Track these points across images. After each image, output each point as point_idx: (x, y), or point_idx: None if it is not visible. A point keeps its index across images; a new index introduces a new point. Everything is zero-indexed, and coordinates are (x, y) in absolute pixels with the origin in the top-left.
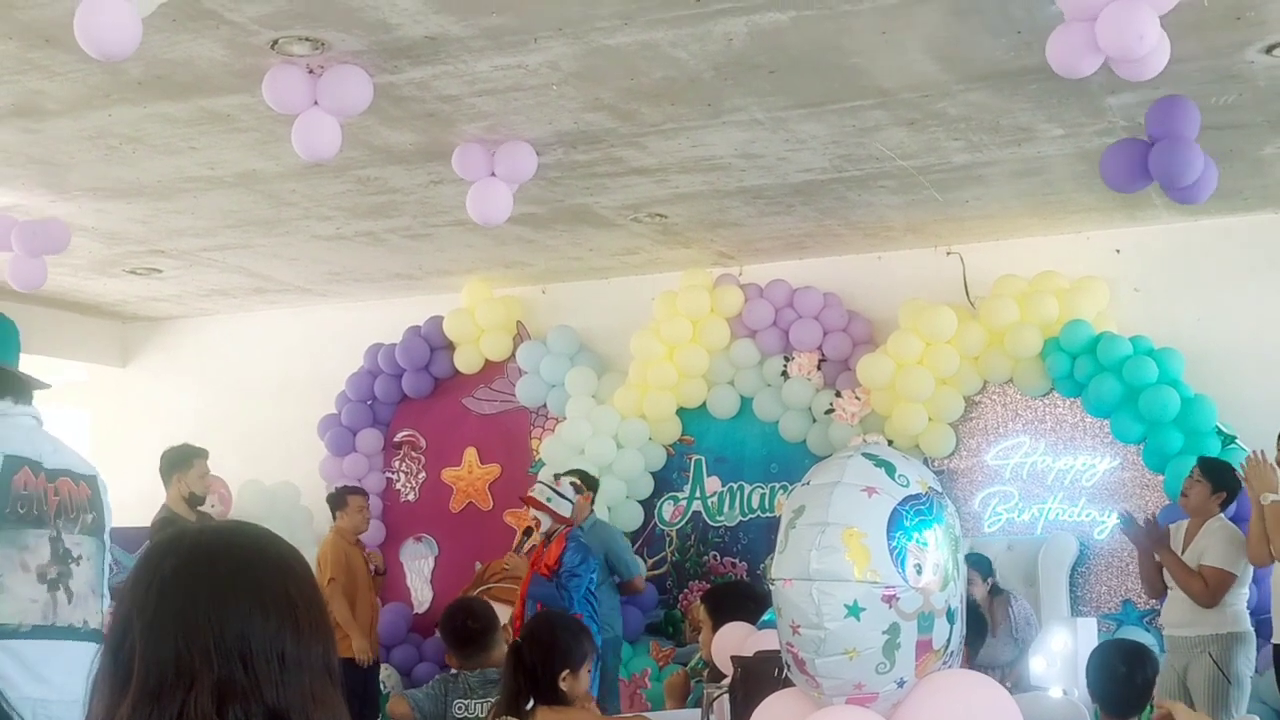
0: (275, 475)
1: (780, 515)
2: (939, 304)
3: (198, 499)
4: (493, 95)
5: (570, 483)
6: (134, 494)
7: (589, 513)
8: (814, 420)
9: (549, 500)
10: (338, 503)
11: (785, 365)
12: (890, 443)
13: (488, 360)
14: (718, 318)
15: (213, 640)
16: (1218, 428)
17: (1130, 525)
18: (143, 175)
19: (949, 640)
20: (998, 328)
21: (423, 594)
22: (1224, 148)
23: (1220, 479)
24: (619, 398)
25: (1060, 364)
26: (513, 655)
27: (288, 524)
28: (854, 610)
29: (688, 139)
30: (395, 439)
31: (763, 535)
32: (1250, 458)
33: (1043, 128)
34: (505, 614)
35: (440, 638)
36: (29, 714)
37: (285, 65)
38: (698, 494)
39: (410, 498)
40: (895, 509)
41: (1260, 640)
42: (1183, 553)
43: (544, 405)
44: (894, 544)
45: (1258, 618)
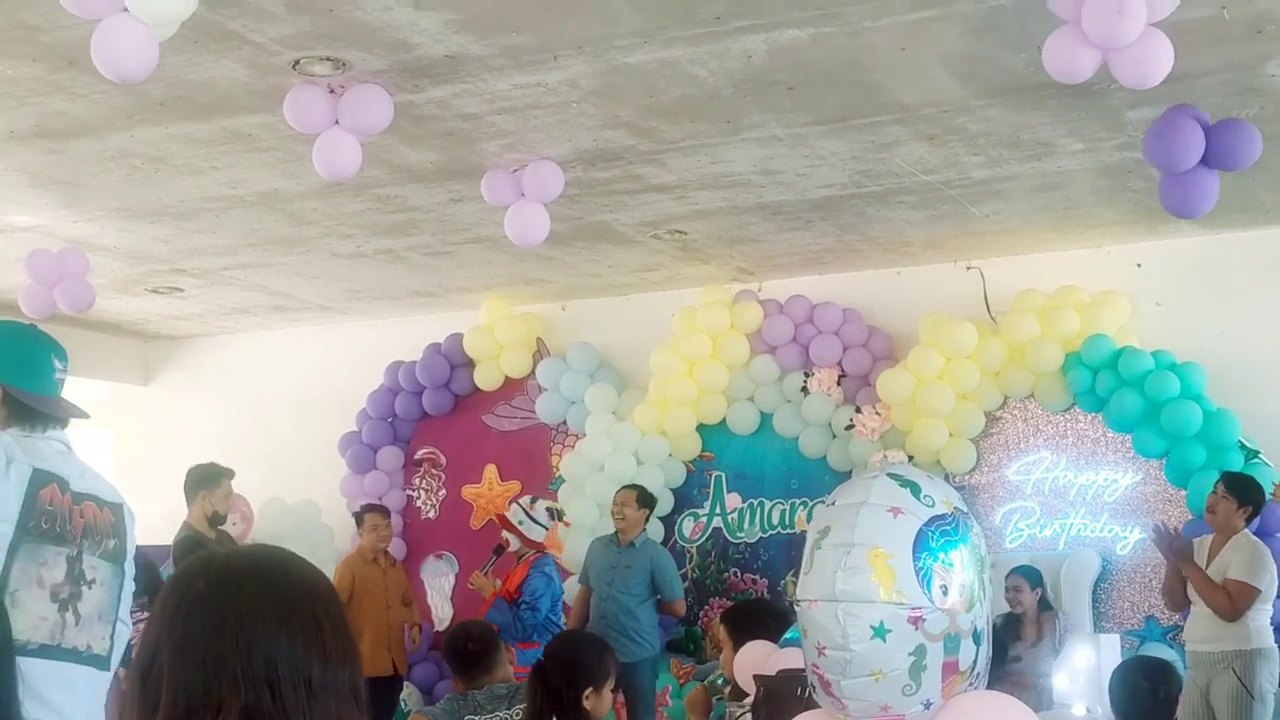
0: (296, 493)
1: (801, 531)
2: (959, 319)
3: (220, 518)
4: (512, 114)
5: (546, 508)
6: (156, 512)
7: (642, 530)
8: (834, 436)
9: (520, 523)
10: (357, 520)
11: (805, 381)
12: (911, 458)
13: (508, 377)
14: (737, 334)
15: (240, 666)
16: (1241, 442)
17: (1162, 535)
18: (165, 195)
19: (975, 661)
20: (1018, 342)
21: (443, 611)
22: None
23: (1245, 494)
24: (639, 414)
25: (1082, 379)
26: (536, 675)
27: (309, 542)
28: (880, 631)
29: (707, 156)
30: (416, 456)
31: (783, 551)
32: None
33: (1062, 142)
34: None
35: (445, 661)
36: None
37: (306, 85)
38: (718, 510)
39: (431, 515)
40: (921, 529)
41: None
42: (1207, 567)
43: (564, 422)
44: (920, 565)
45: None
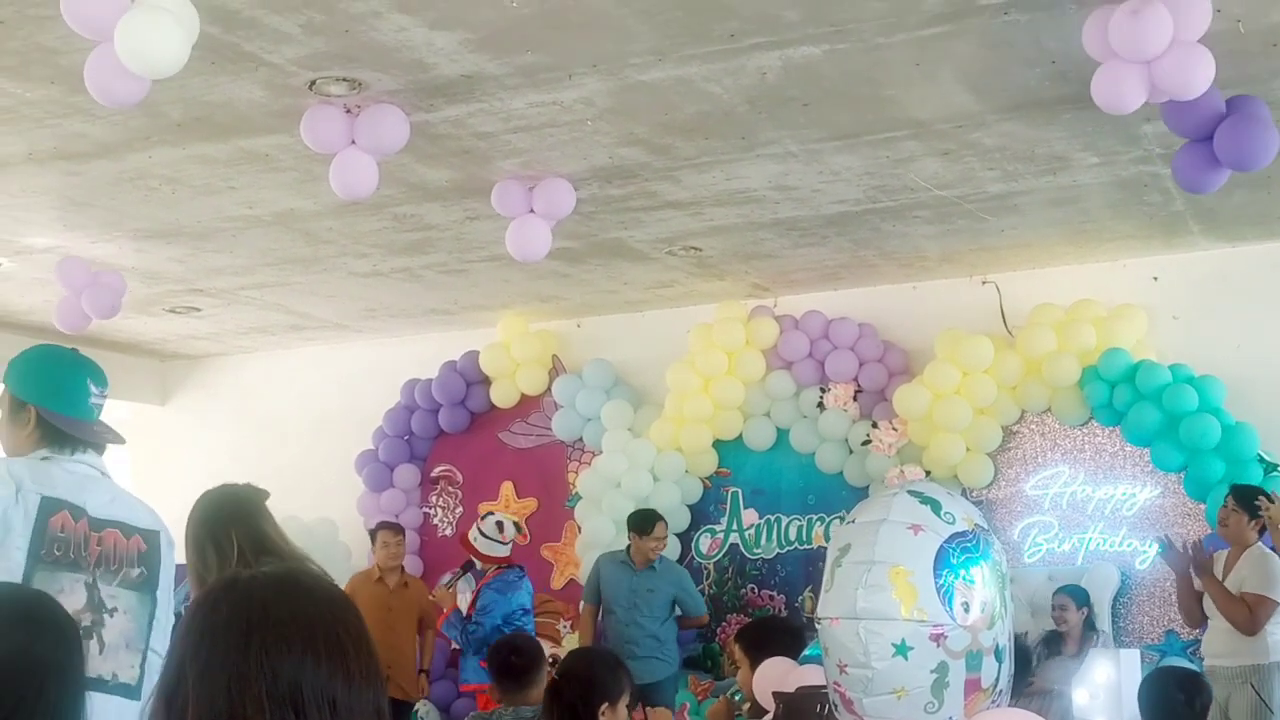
0: (313, 511)
1: (818, 546)
2: (976, 334)
3: None
4: (528, 132)
5: (496, 522)
6: (174, 532)
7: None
8: (851, 451)
9: (475, 541)
10: (371, 538)
11: (821, 397)
12: (928, 473)
13: (524, 394)
14: (753, 350)
15: (265, 689)
16: (1260, 455)
17: (1169, 551)
18: (182, 215)
19: (997, 678)
20: (1035, 357)
21: None
22: (1262, 174)
23: (1255, 505)
24: (655, 431)
25: (1099, 393)
26: (551, 693)
27: (325, 561)
28: (902, 649)
29: (722, 172)
30: (432, 474)
31: (800, 567)
32: (1266, 510)
33: (1078, 156)
34: (547, 649)
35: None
36: None
37: (323, 105)
38: (735, 526)
39: (447, 532)
40: (942, 547)
41: None
42: (1224, 581)
43: (580, 439)
44: (941, 582)
45: None
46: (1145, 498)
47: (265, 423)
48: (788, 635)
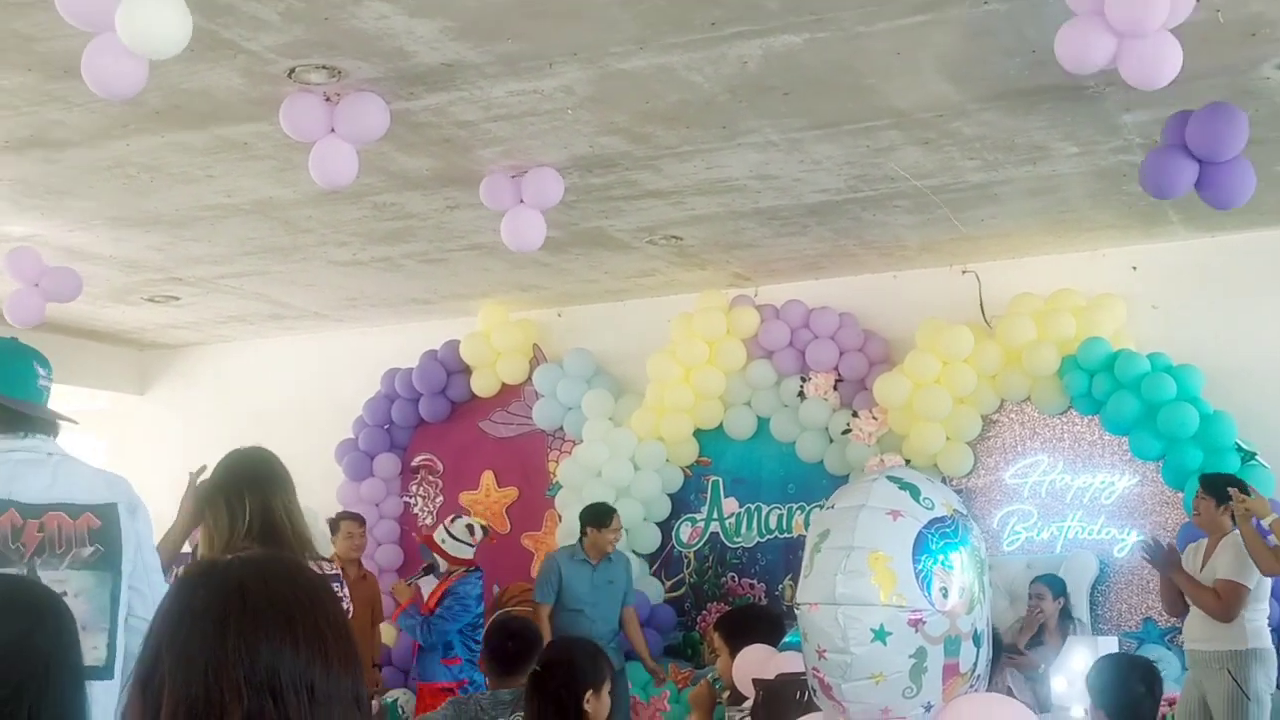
0: None
1: (799, 535)
2: (955, 323)
3: None
4: (508, 120)
5: (466, 525)
6: (156, 520)
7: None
8: (831, 440)
9: (443, 542)
10: (332, 528)
11: (802, 386)
12: (908, 462)
13: (504, 384)
14: (734, 339)
15: (243, 674)
16: (1237, 444)
17: (1155, 551)
18: (160, 204)
19: (976, 664)
20: (1015, 346)
21: None
22: None
23: (1222, 492)
24: (636, 420)
25: (1078, 382)
26: (534, 683)
27: None
28: (880, 634)
29: (703, 161)
30: (413, 463)
31: (781, 556)
32: (1237, 503)
33: (1057, 146)
34: None
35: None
36: None
37: (302, 93)
38: (715, 515)
39: (428, 522)
40: (921, 532)
41: None
42: (1202, 569)
43: (561, 428)
44: (920, 567)
45: None
46: (1124, 486)
47: (245, 412)
48: (767, 623)
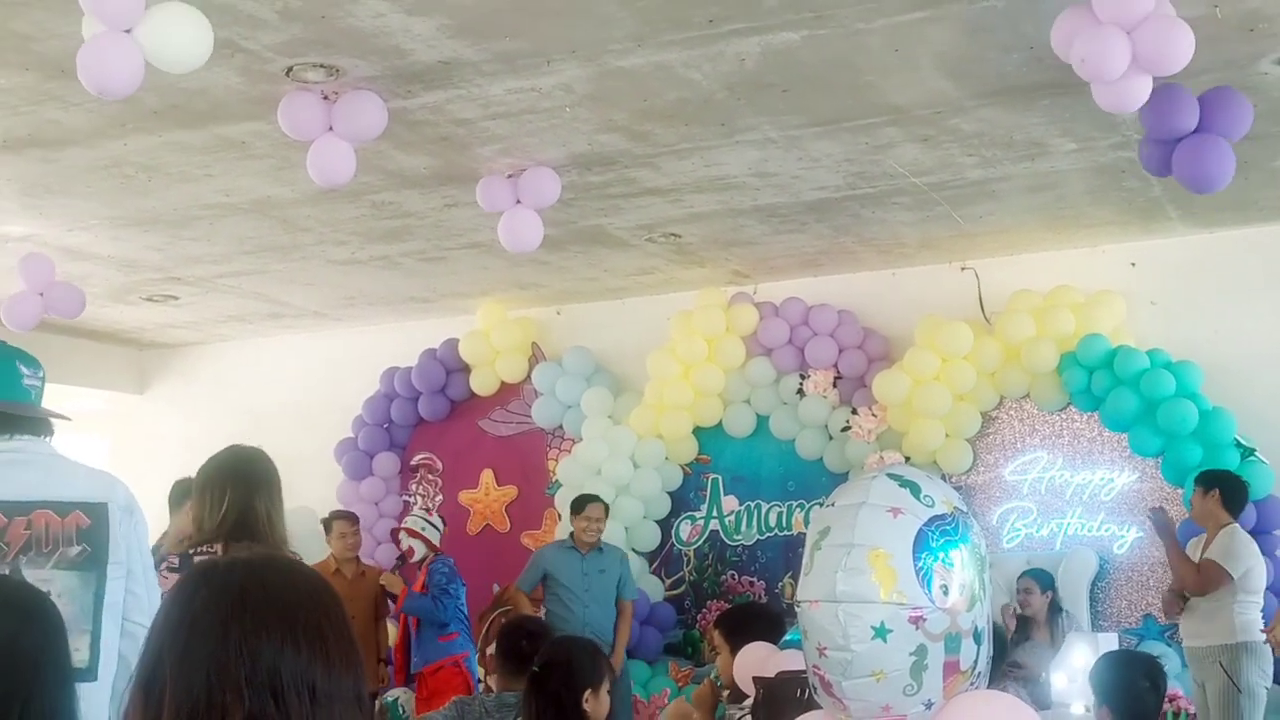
0: (292, 500)
1: (798, 533)
2: (954, 320)
3: None
4: (507, 118)
5: (425, 509)
6: (154, 520)
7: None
8: (830, 438)
9: (423, 529)
10: (325, 528)
11: (801, 383)
12: (907, 459)
13: (503, 382)
14: (733, 336)
15: (244, 674)
16: (1236, 440)
17: (1158, 516)
18: (159, 203)
19: (976, 661)
20: (1014, 343)
21: None
22: (1239, 159)
23: (1211, 480)
24: (635, 418)
25: (1077, 378)
26: (533, 684)
27: (304, 549)
28: (881, 632)
29: (701, 159)
30: (412, 462)
31: (780, 553)
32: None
33: (1056, 142)
34: None
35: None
36: None
37: (300, 92)
38: (715, 513)
39: None
40: (921, 529)
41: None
42: (1200, 558)
43: (560, 426)
44: (920, 565)
45: None
46: (1123, 483)
47: (244, 411)
48: (768, 621)
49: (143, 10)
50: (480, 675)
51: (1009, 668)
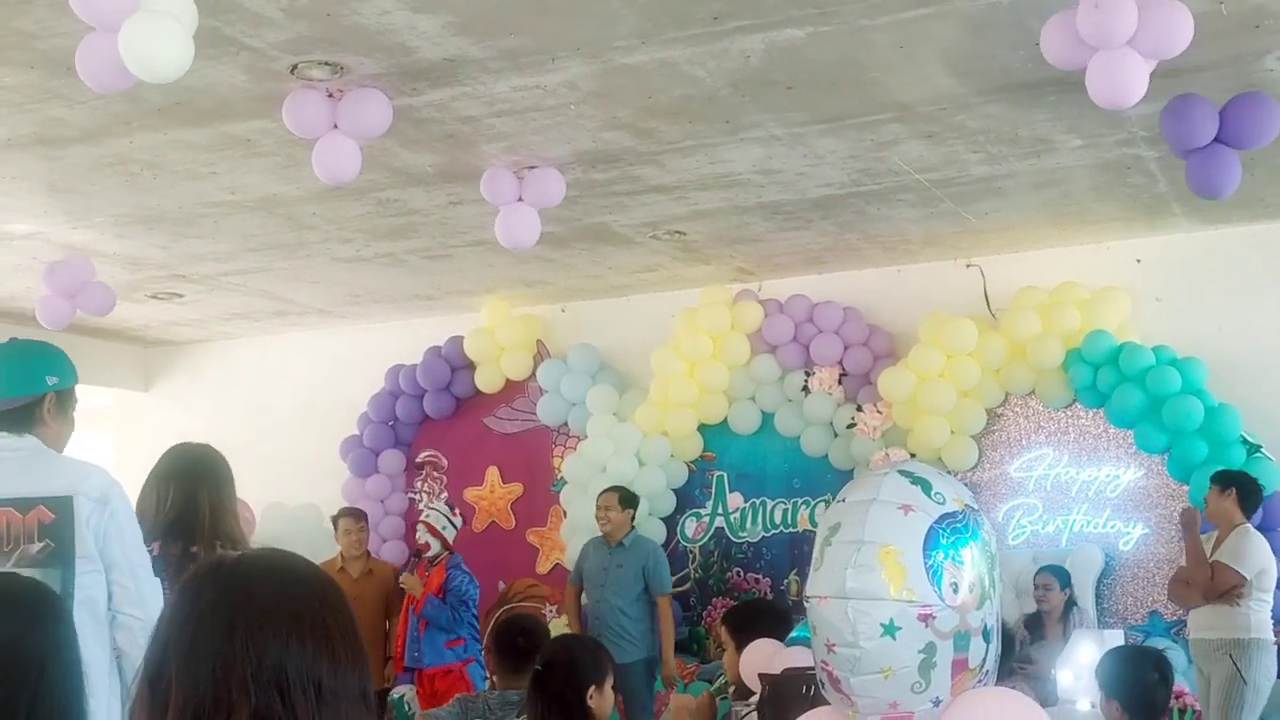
0: (298, 497)
1: (804, 530)
2: (960, 316)
3: None
4: (511, 116)
5: (447, 502)
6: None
7: (629, 529)
8: (835, 435)
9: (443, 529)
10: (334, 525)
11: (806, 380)
12: (912, 456)
13: (508, 379)
14: (738, 334)
15: (250, 671)
16: (1242, 437)
17: (1190, 518)
18: (164, 201)
19: (985, 659)
20: (1019, 339)
21: None
22: (1245, 156)
23: (1227, 480)
24: (640, 415)
25: (1083, 375)
26: (536, 683)
27: (311, 546)
28: (890, 629)
29: (706, 156)
30: (417, 459)
31: (786, 550)
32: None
33: (1061, 139)
34: None
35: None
36: None
37: (305, 89)
38: (720, 510)
39: None
40: (931, 527)
41: None
42: (1211, 557)
43: (565, 424)
44: (930, 562)
45: None
46: (1129, 479)
47: (249, 409)
48: (774, 618)
49: (131, 10)
50: (488, 674)
51: (1019, 664)
